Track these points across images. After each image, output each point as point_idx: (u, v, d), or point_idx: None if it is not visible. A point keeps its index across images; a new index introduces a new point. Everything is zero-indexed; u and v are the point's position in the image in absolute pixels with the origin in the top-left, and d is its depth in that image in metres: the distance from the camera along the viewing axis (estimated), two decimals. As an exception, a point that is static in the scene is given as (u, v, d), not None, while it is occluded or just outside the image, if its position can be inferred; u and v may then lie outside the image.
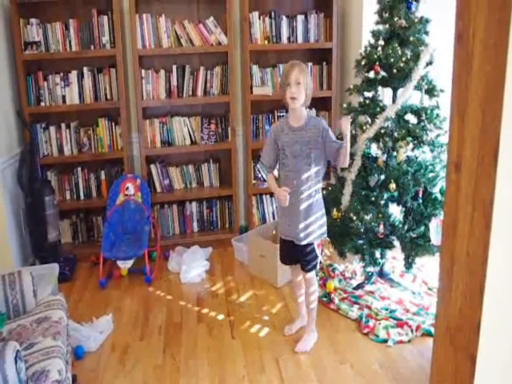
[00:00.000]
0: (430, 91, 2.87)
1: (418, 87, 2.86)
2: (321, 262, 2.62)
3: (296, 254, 2.58)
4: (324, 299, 3.06)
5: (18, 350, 1.69)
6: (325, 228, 2.55)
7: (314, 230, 2.50)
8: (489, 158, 1.22)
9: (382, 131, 2.87)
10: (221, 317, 2.96)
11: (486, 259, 1.22)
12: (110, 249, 3.45)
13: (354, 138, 3.02)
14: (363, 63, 2.99)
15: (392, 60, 2.81)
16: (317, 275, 3.31)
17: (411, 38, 2.83)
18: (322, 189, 3.22)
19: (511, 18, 1.17)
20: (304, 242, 2.50)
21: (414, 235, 2.84)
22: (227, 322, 2.89)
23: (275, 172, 2.56)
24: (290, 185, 2.42)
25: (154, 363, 2.54)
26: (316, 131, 2.36)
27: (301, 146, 2.38)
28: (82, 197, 3.89)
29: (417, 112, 2.91)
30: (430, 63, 2.86)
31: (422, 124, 2.87)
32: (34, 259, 3.54)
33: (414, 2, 2.86)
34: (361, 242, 2.94)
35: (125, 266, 3.37)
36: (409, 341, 2.64)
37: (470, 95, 1.30)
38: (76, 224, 3.95)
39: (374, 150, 3.02)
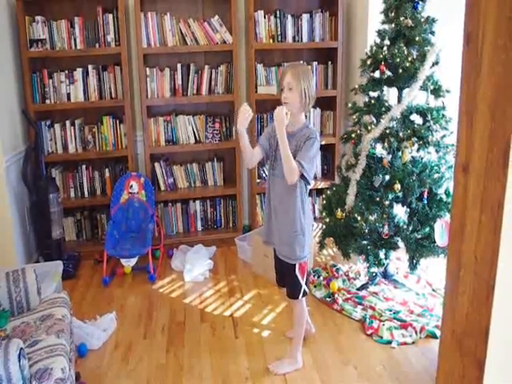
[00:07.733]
0: (436, 91, 2.86)
1: (423, 87, 2.84)
2: (306, 293, 2.39)
3: (282, 271, 2.45)
4: (328, 299, 3.05)
5: (21, 348, 1.69)
6: (305, 253, 2.31)
7: (293, 247, 2.28)
8: (498, 160, 1.20)
9: (387, 131, 2.86)
10: (224, 316, 2.96)
11: (495, 263, 1.21)
12: (113, 247, 3.45)
13: (359, 138, 3.02)
14: (369, 63, 2.98)
15: (398, 60, 2.79)
16: (319, 276, 3.31)
17: (417, 38, 2.82)
18: (326, 189, 3.24)
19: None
20: (283, 258, 2.34)
21: (419, 236, 2.83)
22: (230, 322, 2.89)
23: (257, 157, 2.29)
24: (275, 186, 2.28)
25: (157, 362, 2.54)
26: (302, 139, 2.17)
27: None
28: (86, 194, 3.89)
29: (422, 112, 2.90)
30: (436, 63, 2.85)
31: (428, 124, 2.85)
32: (38, 256, 3.55)
33: (421, 2, 2.85)
34: (365, 242, 2.93)
35: (128, 264, 3.37)
36: (413, 342, 2.63)
37: (478, 96, 1.28)
38: (80, 222, 3.96)
39: (379, 150, 3.01)
